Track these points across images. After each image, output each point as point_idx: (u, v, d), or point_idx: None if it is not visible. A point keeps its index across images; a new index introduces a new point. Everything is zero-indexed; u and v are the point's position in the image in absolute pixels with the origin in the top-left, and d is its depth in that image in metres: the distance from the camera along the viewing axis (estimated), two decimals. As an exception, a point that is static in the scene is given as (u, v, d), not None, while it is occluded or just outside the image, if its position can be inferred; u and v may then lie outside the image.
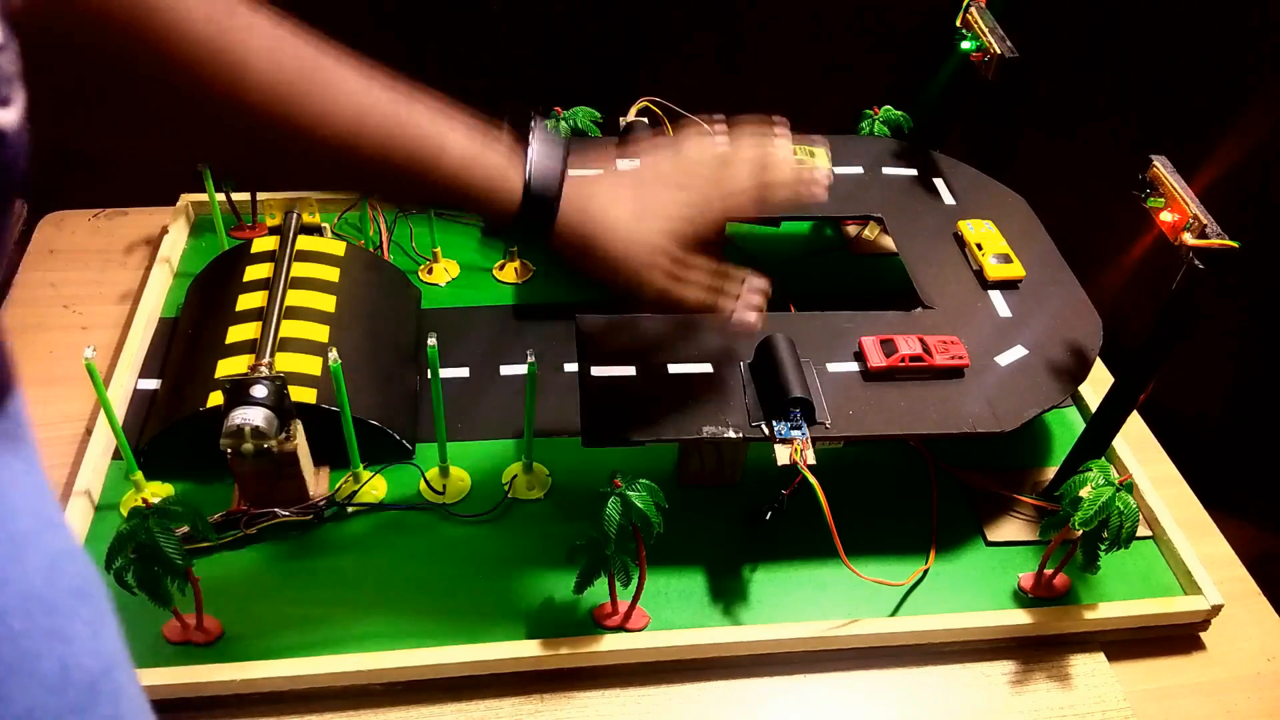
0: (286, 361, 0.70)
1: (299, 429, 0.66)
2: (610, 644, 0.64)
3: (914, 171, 0.91)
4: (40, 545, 0.22)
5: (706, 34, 1.06)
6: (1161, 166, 0.63)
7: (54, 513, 0.24)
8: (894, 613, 0.68)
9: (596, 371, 0.69)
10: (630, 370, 0.69)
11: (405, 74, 0.52)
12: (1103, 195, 1.04)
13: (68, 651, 0.22)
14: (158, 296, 0.85)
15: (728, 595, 0.68)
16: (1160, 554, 0.73)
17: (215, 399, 0.68)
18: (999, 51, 0.81)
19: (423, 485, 0.73)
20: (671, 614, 0.66)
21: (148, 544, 0.55)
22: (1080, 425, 0.83)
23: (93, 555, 0.66)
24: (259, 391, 0.63)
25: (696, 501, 0.73)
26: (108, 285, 0.90)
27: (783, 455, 0.64)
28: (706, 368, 0.70)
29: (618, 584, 0.63)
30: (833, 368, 0.71)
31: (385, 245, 0.92)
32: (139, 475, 0.70)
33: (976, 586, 0.70)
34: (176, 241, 0.91)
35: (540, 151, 0.55)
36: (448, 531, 0.71)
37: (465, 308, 0.88)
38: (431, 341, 0.64)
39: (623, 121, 0.90)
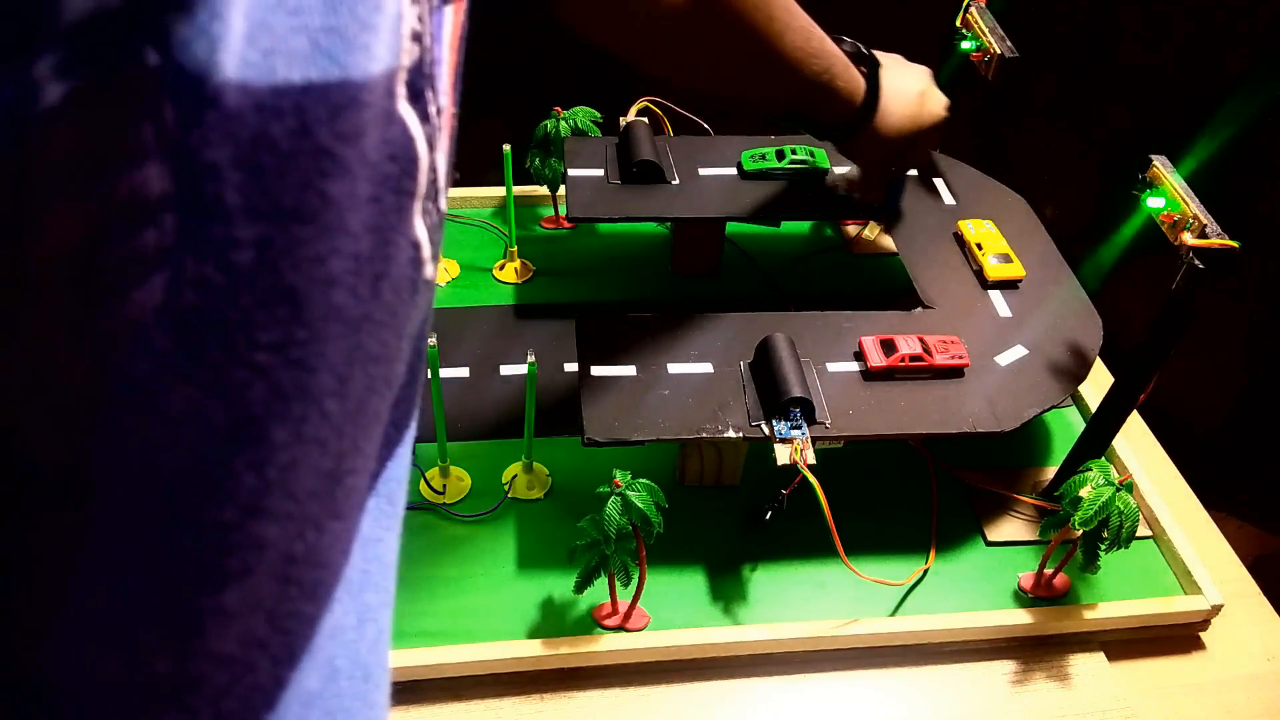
0: (286, 361, 0.70)
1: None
2: (610, 644, 0.64)
3: (914, 171, 0.91)
4: (377, 618, 0.25)
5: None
6: (1161, 166, 0.63)
7: (392, 587, 0.26)
8: (894, 613, 0.68)
9: (596, 371, 0.69)
10: (630, 370, 0.69)
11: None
12: (1103, 195, 1.04)
13: (372, 717, 0.25)
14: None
15: (728, 595, 0.68)
16: (1160, 554, 0.73)
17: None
18: (999, 51, 0.81)
19: (423, 485, 0.73)
20: (671, 614, 0.66)
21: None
22: (1080, 425, 0.82)
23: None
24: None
25: (696, 501, 0.73)
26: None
27: (783, 455, 0.64)
28: (707, 368, 0.70)
29: (618, 584, 0.63)
30: (833, 368, 0.71)
31: (385, 245, 0.92)
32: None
33: (976, 586, 0.70)
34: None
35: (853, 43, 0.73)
36: (448, 531, 0.71)
37: (465, 308, 0.88)
38: (431, 341, 0.64)
39: (623, 121, 0.90)
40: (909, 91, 0.74)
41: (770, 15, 0.63)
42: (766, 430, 0.65)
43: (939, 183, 0.90)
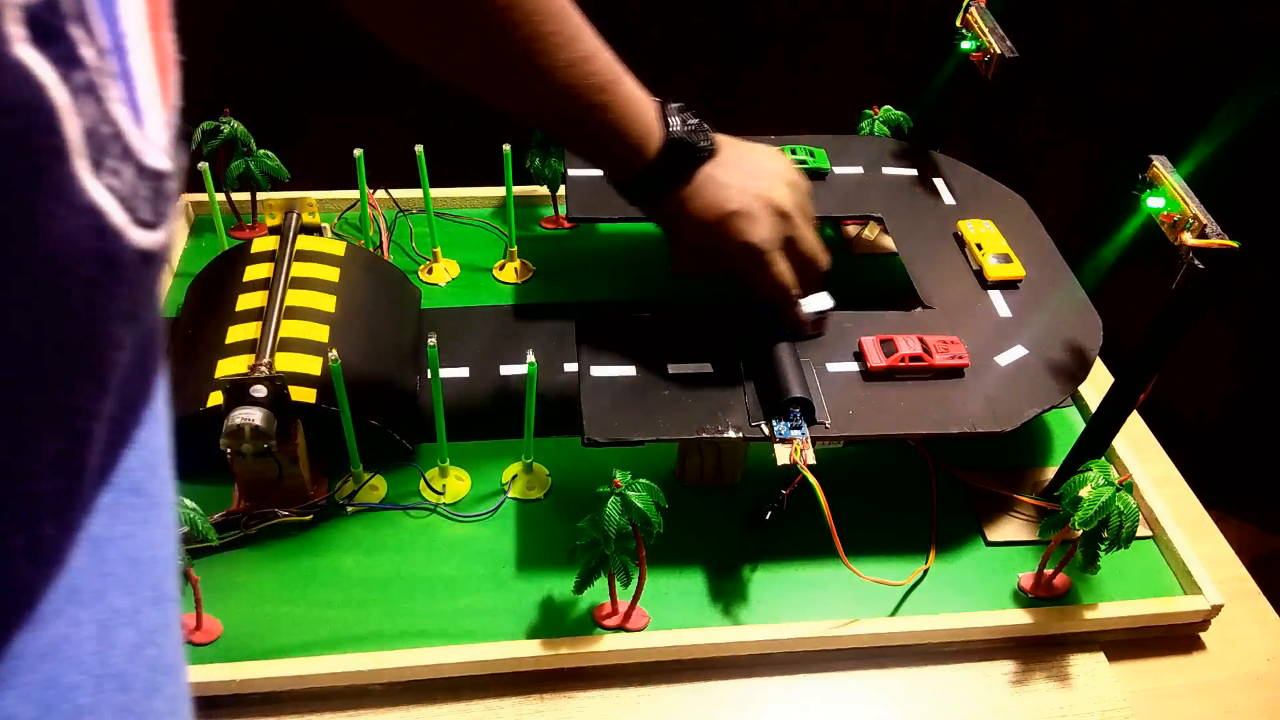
0: (286, 361, 0.70)
1: (299, 429, 0.66)
2: (610, 644, 0.64)
3: (914, 171, 0.91)
4: (135, 622, 0.22)
5: (706, 34, 1.06)
6: (1161, 166, 0.63)
7: (166, 584, 0.24)
8: (894, 613, 0.68)
9: (596, 371, 0.69)
10: (630, 370, 0.69)
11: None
12: (1103, 195, 1.04)
13: None
14: (158, 296, 0.85)
15: (728, 595, 0.68)
16: (1160, 554, 0.73)
17: (215, 399, 0.68)
18: (999, 51, 0.81)
19: (423, 485, 0.73)
20: (671, 614, 0.66)
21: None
22: (1080, 425, 0.83)
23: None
24: (259, 391, 0.63)
25: (696, 501, 0.73)
26: (108, 285, 0.90)
27: (783, 455, 0.64)
28: (706, 368, 0.70)
29: (618, 584, 0.63)
30: (833, 368, 0.71)
31: (385, 245, 0.92)
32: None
33: (976, 586, 0.70)
34: (176, 241, 0.91)
35: (683, 115, 0.65)
36: (448, 531, 0.71)
37: (465, 308, 0.88)
38: (431, 341, 0.64)
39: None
40: (738, 189, 0.65)
41: (531, 15, 0.56)
42: (766, 430, 0.65)
43: (939, 183, 0.90)
